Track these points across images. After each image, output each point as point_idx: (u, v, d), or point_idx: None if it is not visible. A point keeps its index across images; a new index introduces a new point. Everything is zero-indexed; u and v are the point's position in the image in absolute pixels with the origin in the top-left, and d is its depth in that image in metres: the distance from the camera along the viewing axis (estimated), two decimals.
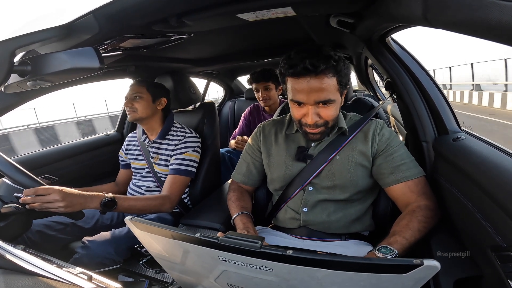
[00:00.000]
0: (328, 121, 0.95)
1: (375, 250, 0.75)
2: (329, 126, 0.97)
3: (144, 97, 1.43)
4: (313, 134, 0.97)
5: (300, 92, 0.89)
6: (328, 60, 0.85)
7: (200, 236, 0.54)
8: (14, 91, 0.84)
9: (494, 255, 0.63)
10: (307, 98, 0.89)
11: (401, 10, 0.68)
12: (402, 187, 0.93)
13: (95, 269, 1.05)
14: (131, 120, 1.44)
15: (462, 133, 0.97)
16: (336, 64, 0.87)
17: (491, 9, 0.40)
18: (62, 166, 1.67)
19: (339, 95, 0.93)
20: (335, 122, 0.99)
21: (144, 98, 1.42)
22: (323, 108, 0.91)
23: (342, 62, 0.89)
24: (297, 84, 0.89)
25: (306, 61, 0.84)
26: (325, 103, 0.90)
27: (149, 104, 1.44)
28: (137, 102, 1.41)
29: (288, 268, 0.49)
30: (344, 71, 0.90)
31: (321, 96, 0.88)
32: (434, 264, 0.40)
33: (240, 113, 2.85)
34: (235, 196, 1.15)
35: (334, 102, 0.91)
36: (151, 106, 1.45)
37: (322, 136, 0.99)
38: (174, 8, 0.83)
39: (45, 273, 0.61)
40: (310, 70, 0.85)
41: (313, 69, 0.84)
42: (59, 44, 0.82)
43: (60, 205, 0.94)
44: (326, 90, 0.88)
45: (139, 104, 1.41)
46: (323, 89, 0.87)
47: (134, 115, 1.42)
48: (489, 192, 0.65)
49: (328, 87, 0.88)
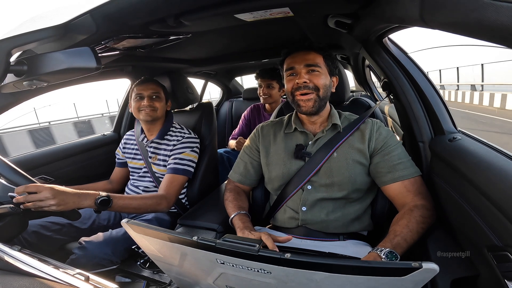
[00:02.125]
0: (318, 87, 1.02)
1: (381, 252, 0.75)
2: (320, 95, 1.03)
3: (162, 97, 1.47)
4: (305, 102, 1.02)
5: (292, 62, 1.06)
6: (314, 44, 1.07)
7: (198, 239, 0.54)
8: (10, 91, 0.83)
9: (491, 254, 0.64)
10: (298, 63, 1.04)
11: (398, 11, 0.68)
12: (398, 186, 0.94)
13: (92, 270, 1.05)
14: (149, 119, 1.42)
15: (458, 133, 0.97)
16: (322, 49, 1.07)
17: (487, 9, 0.41)
18: (58, 166, 1.66)
19: (326, 72, 1.06)
20: (325, 94, 1.05)
21: (161, 98, 1.46)
22: (312, 74, 1.03)
23: (327, 49, 1.08)
24: (290, 58, 1.07)
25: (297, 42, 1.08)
26: (313, 69, 1.03)
27: (164, 104, 1.48)
28: (156, 101, 1.44)
29: (286, 271, 0.49)
30: (329, 56, 1.08)
31: (309, 61, 1.04)
32: (432, 267, 0.40)
33: (238, 113, 2.85)
34: (232, 196, 1.15)
35: (322, 70, 1.04)
36: (164, 107, 1.50)
37: (314, 105, 1.03)
38: (172, 8, 0.83)
39: (41, 274, 0.61)
40: (301, 46, 1.07)
41: (301, 44, 1.07)
42: (56, 44, 0.81)
43: (51, 203, 0.92)
44: (313, 59, 1.04)
45: (159, 103, 1.44)
46: (310, 57, 1.04)
47: (154, 114, 1.43)
48: (485, 192, 0.65)
49: (315, 57, 1.05)
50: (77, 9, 0.74)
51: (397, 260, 0.74)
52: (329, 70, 1.06)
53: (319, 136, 1.06)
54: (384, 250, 0.75)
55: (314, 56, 1.04)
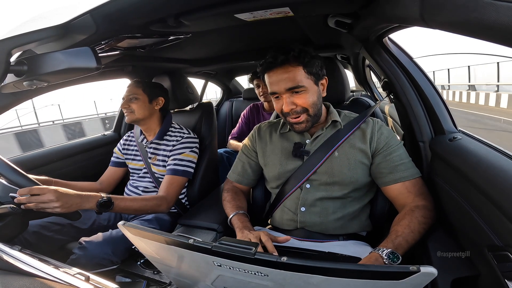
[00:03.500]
0: (307, 108, 0.98)
1: (382, 253, 0.75)
2: (311, 114, 0.99)
3: (140, 98, 1.43)
4: (297, 124, 1.00)
5: (272, 84, 0.98)
6: (288, 52, 0.94)
7: (194, 242, 0.54)
8: (10, 91, 0.83)
9: (491, 254, 0.64)
10: (278, 87, 0.96)
11: (398, 11, 0.68)
12: (399, 187, 0.94)
13: (92, 269, 1.05)
14: (129, 121, 1.44)
15: (458, 133, 0.97)
16: (298, 55, 0.94)
17: (487, 9, 0.40)
18: (59, 166, 1.66)
19: (312, 83, 0.98)
20: (316, 110, 1.01)
21: (140, 99, 1.42)
22: (297, 96, 0.96)
23: (305, 54, 0.95)
24: (268, 77, 0.99)
25: (268, 57, 0.96)
26: (297, 90, 0.95)
27: (145, 104, 1.44)
28: (133, 103, 1.41)
29: (283, 274, 0.49)
30: (309, 62, 0.96)
31: (289, 84, 0.94)
32: (430, 271, 0.40)
33: (238, 113, 2.85)
34: (230, 196, 1.15)
35: (306, 88, 0.96)
36: (147, 107, 1.44)
37: (307, 125, 1.00)
38: (172, 8, 0.83)
39: (42, 274, 0.61)
40: (273, 62, 0.96)
41: (274, 61, 0.95)
42: (56, 44, 0.81)
43: (55, 205, 0.93)
44: (293, 78, 0.94)
45: (136, 105, 1.41)
46: (289, 77, 0.94)
47: (132, 116, 1.42)
48: (486, 192, 0.65)
49: (295, 75, 0.94)
50: (77, 9, 0.74)
51: (398, 260, 0.74)
52: (314, 79, 0.98)
53: (318, 134, 1.06)
54: (386, 250, 0.75)
55: (294, 73, 0.94)
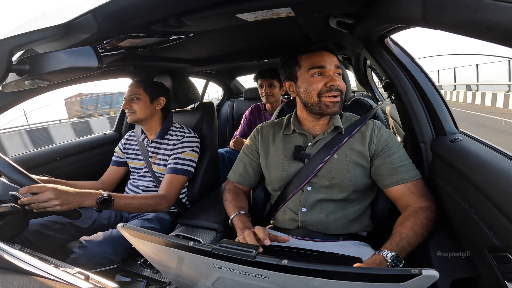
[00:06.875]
0: (343, 91, 1.01)
1: (386, 256, 0.75)
2: (343, 98, 1.02)
3: (142, 98, 1.43)
4: (333, 103, 0.99)
5: (322, 60, 0.99)
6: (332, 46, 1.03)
7: (193, 245, 0.54)
8: (12, 90, 0.83)
9: (491, 255, 0.63)
10: (328, 63, 0.99)
11: (400, 11, 0.68)
12: (401, 188, 0.94)
13: (92, 269, 1.05)
14: (130, 121, 1.44)
15: (459, 134, 0.97)
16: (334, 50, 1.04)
17: (489, 10, 0.40)
18: (60, 165, 1.66)
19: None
20: (344, 97, 1.04)
21: (141, 99, 1.43)
22: (338, 77, 1.00)
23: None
24: (315, 56, 1.01)
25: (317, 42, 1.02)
26: (339, 72, 1.01)
27: (147, 105, 1.44)
28: (134, 103, 1.42)
29: (284, 277, 0.49)
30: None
31: (336, 62, 1.00)
32: (432, 274, 0.40)
33: (239, 113, 2.85)
34: (231, 196, 1.15)
35: (342, 75, 1.02)
36: (149, 107, 1.45)
37: (340, 108, 1.01)
38: (173, 8, 0.83)
39: (42, 273, 0.61)
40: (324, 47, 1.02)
41: (325, 47, 1.02)
42: (58, 43, 0.81)
43: (55, 203, 0.93)
44: (337, 61, 1.01)
45: (137, 105, 1.42)
46: (334, 60, 1.01)
47: (133, 116, 1.43)
48: (486, 193, 0.65)
49: (337, 60, 1.01)
50: (79, 9, 0.74)
51: (401, 264, 0.74)
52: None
53: (319, 138, 1.05)
54: (390, 254, 0.75)
55: (336, 60, 1.01)
